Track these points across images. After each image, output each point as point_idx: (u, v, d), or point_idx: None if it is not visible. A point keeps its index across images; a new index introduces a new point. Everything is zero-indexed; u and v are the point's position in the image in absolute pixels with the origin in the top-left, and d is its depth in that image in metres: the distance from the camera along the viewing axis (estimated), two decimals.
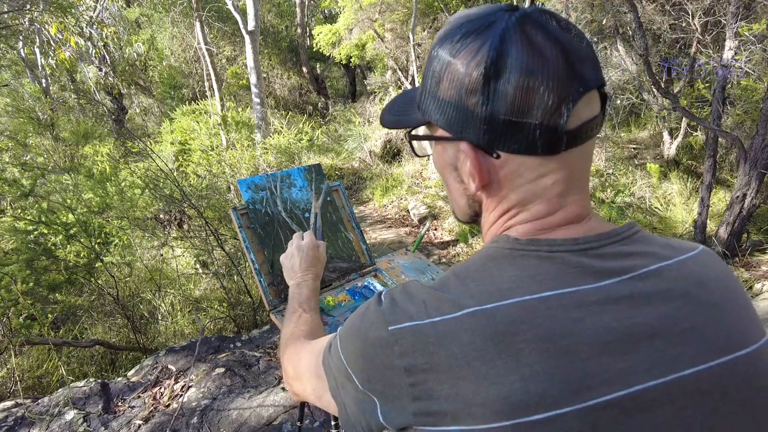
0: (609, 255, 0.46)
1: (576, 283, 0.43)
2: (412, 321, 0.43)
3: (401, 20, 8.52)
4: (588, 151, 0.48)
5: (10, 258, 2.99)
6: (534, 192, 0.48)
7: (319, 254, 1.00)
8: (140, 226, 4.19)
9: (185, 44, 10.76)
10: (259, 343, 2.84)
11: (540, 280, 0.43)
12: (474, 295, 0.43)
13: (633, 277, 0.44)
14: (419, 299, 0.45)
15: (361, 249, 1.29)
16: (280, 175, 1.24)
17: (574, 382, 0.39)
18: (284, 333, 0.78)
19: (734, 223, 3.47)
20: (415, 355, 0.42)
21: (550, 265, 0.45)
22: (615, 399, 0.39)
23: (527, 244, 0.47)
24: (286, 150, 6.31)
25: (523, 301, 0.42)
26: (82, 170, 4.67)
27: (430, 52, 0.50)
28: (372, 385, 0.46)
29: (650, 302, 0.43)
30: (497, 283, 0.44)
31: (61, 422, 2.11)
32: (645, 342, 0.41)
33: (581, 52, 0.44)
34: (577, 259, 0.45)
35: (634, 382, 0.39)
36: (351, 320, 0.52)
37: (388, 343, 0.44)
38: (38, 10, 4.88)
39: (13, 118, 8.38)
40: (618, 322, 0.41)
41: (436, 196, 6.61)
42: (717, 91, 3.60)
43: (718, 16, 4.18)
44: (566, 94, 0.43)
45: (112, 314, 3.48)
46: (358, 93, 14.09)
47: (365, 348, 0.47)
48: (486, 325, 0.41)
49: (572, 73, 0.43)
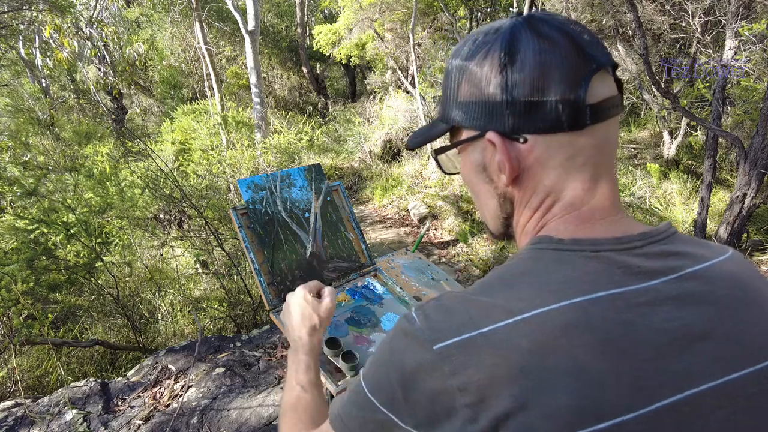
0: (653, 255, 0.45)
1: (624, 283, 0.42)
2: (459, 335, 0.40)
3: (401, 20, 8.52)
4: (612, 133, 0.48)
5: (10, 258, 2.99)
6: (565, 177, 0.47)
7: (316, 303, 0.80)
8: (140, 226, 4.19)
9: (185, 44, 10.76)
10: (259, 343, 2.84)
11: (589, 281, 0.42)
12: (524, 299, 0.41)
13: (678, 277, 0.44)
14: (461, 310, 0.42)
15: (361, 249, 1.29)
16: (280, 175, 1.24)
17: (634, 387, 0.37)
18: (282, 424, 0.67)
19: (734, 222, 3.47)
20: (469, 372, 0.39)
21: (597, 264, 0.43)
22: (672, 403, 0.38)
23: (571, 245, 0.45)
24: (286, 150, 6.31)
25: (576, 303, 0.40)
26: (83, 170, 4.66)
27: (445, 69, 0.53)
28: (417, 418, 0.42)
29: (697, 303, 0.42)
30: (547, 285, 0.42)
31: (61, 422, 2.11)
32: (696, 344, 0.40)
33: (587, 38, 0.46)
34: (622, 259, 0.44)
35: (688, 385, 0.39)
36: (376, 356, 0.47)
37: (436, 364, 0.40)
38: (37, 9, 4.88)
39: (13, 118, 8.37)
40: (668, 323, 0.40)
41: (436, 196, 6.61)
42: (717, 91, 3.60)
43: (718, 16, 4.18)
44: (580, 70, 0.45)
45: (112, 314, 3.47)
46: (358, 93, 14.09)
47: (406, 377, 0.42)
48: (543, 331, 0.39)
49: (582, 52, 0.45)
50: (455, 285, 1.35)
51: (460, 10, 8.22)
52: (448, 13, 7.32)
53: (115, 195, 4.10)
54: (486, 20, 8.47)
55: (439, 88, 7.49)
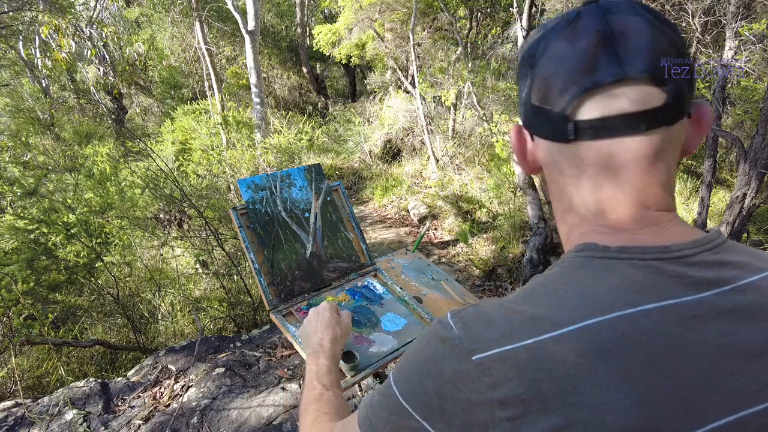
0: (705, 264, 0.42)
1: (676, 294, 0.40)
2: (500, 346, 0.38)
3: (401, 20, 8.52)
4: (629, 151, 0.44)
5: (10, 258, 2.99)
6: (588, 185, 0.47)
7: (339, 318, 0.89)
8: (140, 226, 4.19)
9: (185, 44, 10.76)
10: (259, 343, 2.84)
11: (638, 291, 0.40)
12: (571, 309, 0.39)
13: (733, 289, 0.41)
14: (502, 319, 0.40)
15: (361, 249, 1.29)
16: (280, 175, 1.24)
17: (688, 406, 0.36)
18: (304, 419, 0.66)
19: (734, 222, 3.47)
20: (510, 385, 0.37)
21: (645, 274, 0.41)
22: (726, 424, 0.36)
23: (618, 252, 0.43)
24: (286, 150, 6.31)
25: (627, 315, 0.38)
26: (83, 170, 4.67)
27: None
28: (451, 428, 0.40)
29: (754, 318, 0.40)
30: (594, 295, 0.40)
31: (61, 422, 2.11)
32: (752, 362, 0.38)
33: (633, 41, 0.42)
34: (672, 268, 0.41)
35: (743, 405, 0.37)
36: (410, 359, 0.45)
37: (474, 376, 0.38)
38: (37, 10, 4.88)
39: (14, 118, 8.37)
40: (724, 338, 0.38)
41: (436, 196, 6.61)
42: (717, 91, 3.60)
43: (718, 16, 4.18)
44: (575, 83, 0.44)
45: (112, 314, 3.48)
46: (358, 93, 14.09)
47: (442, 386, 0.41)
48: (592, 344, 0.37)
49: (593, 64, 0.43)
50: (455, 285, 1.35)
51: (460, 10, 8.21)
52: (448, 13, 7.32)
53: (115, 195, 4.11)
54: (486, 20, 8.46)
55: (439, 88, 7.50)
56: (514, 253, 5.10)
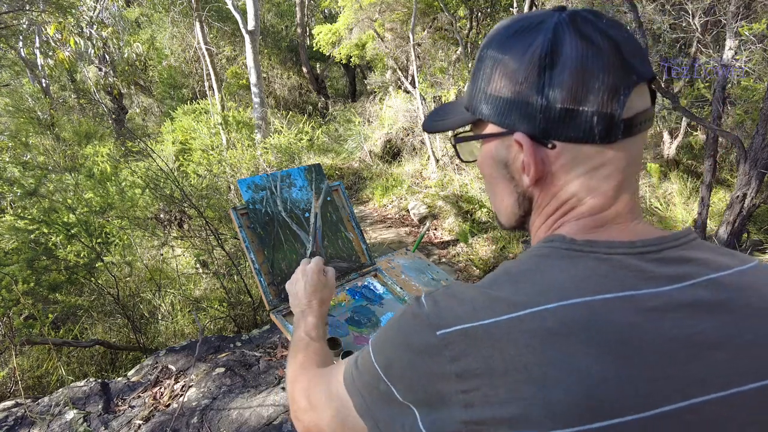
0: (668, 260, 0.44)
1: (636, 286, 0.41)
2: (462, 323, 0.41)
3: (401, 20, 8.52)
4: (640, 147, 0.48)
5: (10, 258, 2.99)
6: (589, 185, 0.47)
7: (326, 279, 0.92)
8: (140, 226, 4.19)
9: (185, 44, 10.75)
10: (259, 343, 2.84)
11: (599, 282, 0.41)
12: (530, 294, 0.41)
13: (694, 284, 0.42)
14: (467, 300, 0.43)
15: (361, 249, 1.29)
16: (280, 175, 1.24)
17: (636, 390, 0.37)
18: (292, 364, 0.71)
19: (734, 222, 3.46)
20: (467, 360, 0.40)
21: (609, 267, 0.43)
22: (676, 410, 0.37)
23: (584, 245, 0.45)
24: (286, 150, 6.31)
25: (583, 302, 0.40)
26: (83, 170, 4.67)
27: (478, 54, 0.51)
28: (415, 394, 0.43)
29: (712, 312, 0.41)
30: (555, 283, 0.42)
31: (61, 422, 2.11)
32: (707, 353, 0.39)
33: (631, 46, 0.45)
34: (635, 263, 0.43)
35: (694, 393, 0.38)
36: (387, 329, 0.49)
37: (437, 348, 0.41)
38: (38, 10, 4.88)
39: (14, 118, 8.37)
40: (679, 330, 0.40)
41: (436, 195, 6.61)
42: (717, 91, 3.60)
43: (718, 16, 4.18)
44: (621, 82, 0.43)
45: (112, 314, 3.48)
46: (358, 93, 14.09)
47: (409, 355, 0.44)
48: (545, 326, 0.39)
49: (625, 63, 0.44)
50: None
51: (460, 10, 8.21)
52: (448, 13, 7.32)
53: (116, 195, 4.11)
54: (486, 20, 8.45)
55: (439, 88, 7.48)
56: (514, 253, 5.10)
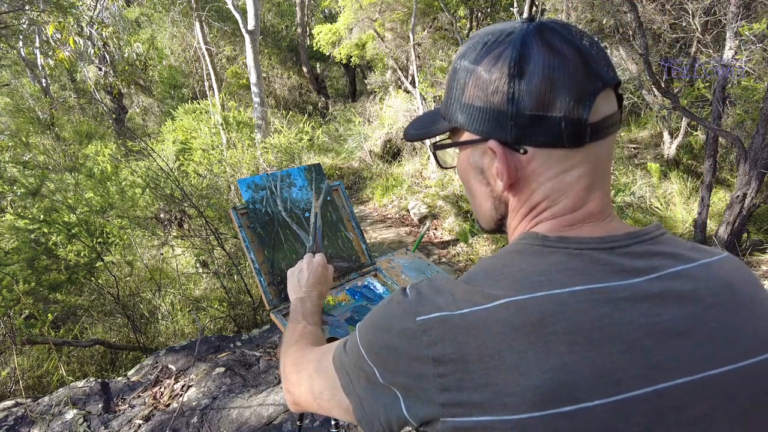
0: (637, 254, 0.46)
1: (605, 279, 0.44)
2: (441, 312, 0.44)
3: (401, 20, 8.52)
4: (609, 149, 0.50)
5: (11, 257, 2.99)
6: (560, 187, 0.49)
7: (327, 274, 0.99)
8: (141, 226, 4.19)
9: (185, 44, 10.76)
10: (259, 343, 2.84)
11: (569, 275, 0.44)
12: (504, 287, 0.44)
13: (661, 276, 0.45)
14: (447, 291, 0.46)
15: (361, 248, 1.29)
16: (280, 175, 1.24)
17: (604, 376, 0.39)
18: (286, 342, 0.76)
19: (734, 222, 3.46)
20: (444, 345, 0.42)
21: (579, 261, 0.45)
22: (644, 395, 0.39)
23: (556, 241, 0.47)
24: (286, 150, 6.31)
25: (554, 294, 0.42)
26: (83, 170, 4.67)
27: (452, 66, 0.53)
28: (396, 377, 0.46)
29: (679, 301, 0.43)
30: (527, 276, 0.44)
31: (61, 422, 2.11)
32: (674, 340, 0.41)
33: (595, 54, 0.47)
34: (605, 257, 0.46)
35: (661, 379, 0.40)
36: (372, 315, 0.53)
37: (416, 334, 0.44)
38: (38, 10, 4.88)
39: (14, 118, 8.37)
40: (646, 318, 0.42)
41: (436, 195, 6.61)
42: (717, 91, 3.60)
43: (719, 16, 4.17)
44: (586, 88, 0.45)
45: (112, 314, 3.48)
46: (358, 93, 14.08)
47: (390, 339, 0.47)
48: (517, 316, 0.41)
49: (590, 70, 0.46)
50: None
51: (460, 9, 8.21)
52: (448, 13, 7.32)
53: (116, 195, 4.11)
54: (486, 20, 8.45)
55: (440, 87, 7.48)
56: None
